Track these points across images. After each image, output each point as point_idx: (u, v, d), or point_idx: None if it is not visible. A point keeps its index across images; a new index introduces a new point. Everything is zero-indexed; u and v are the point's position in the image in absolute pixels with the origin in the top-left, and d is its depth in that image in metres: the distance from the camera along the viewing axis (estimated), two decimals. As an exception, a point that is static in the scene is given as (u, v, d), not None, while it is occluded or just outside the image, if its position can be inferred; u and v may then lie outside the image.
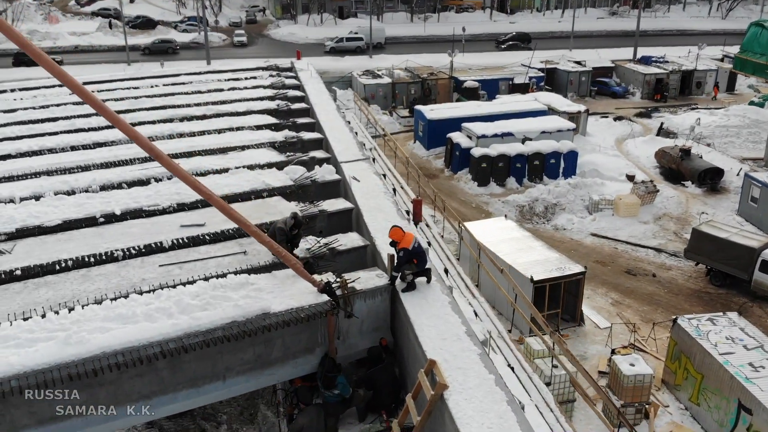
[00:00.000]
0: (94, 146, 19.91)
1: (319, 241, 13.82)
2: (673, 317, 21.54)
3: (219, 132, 21.31)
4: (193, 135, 21.04)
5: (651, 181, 35.91)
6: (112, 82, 28.88)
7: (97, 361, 9.77)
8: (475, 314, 14.62)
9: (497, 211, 35.31)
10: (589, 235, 32.76)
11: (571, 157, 38.62)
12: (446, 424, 9.40)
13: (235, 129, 21.52)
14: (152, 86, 27.96)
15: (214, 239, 14.05)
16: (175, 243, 13.82)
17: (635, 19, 66.04)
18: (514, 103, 45.18)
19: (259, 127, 21.77)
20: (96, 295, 11.73)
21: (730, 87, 57.94)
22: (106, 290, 11.93)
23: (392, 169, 25.30)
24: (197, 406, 11.60)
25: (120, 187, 16.79)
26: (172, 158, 18.53)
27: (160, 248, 13.64)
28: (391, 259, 12.15)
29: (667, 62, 58.32)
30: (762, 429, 17.47)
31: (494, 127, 39.96)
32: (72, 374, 9.58)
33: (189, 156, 18.95)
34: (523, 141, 39.22)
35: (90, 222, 14.83)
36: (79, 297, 11.66)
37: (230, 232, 14.18)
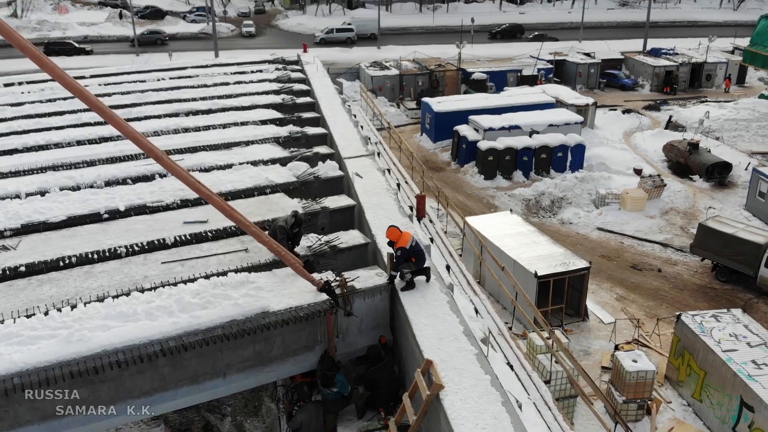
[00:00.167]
0: (100, 141, 20.01)
1: (320, 239, 13.86)
2: (677, 313, 21.54)
3: (224, 127, 21.37)
4: (198, 130, 21.11)
5: (658, 175, 35.76)
6: (119, 75, 28.95)
7: (98, 359, 9.90)
8: (475, 311, 14.65)
9: (503, 204, 35.29)
10: (595, 230, 32.69)
11: (579, 150, 38.49)
12: (441, 424, 9.47)
13: (240, 124, 21.57)
14: (159, 79, 28.00)
15: (217, 236, 14.12)
16: (178, 240, 13.91)
17: (646, 11, 65.48)
18: (522, 96, 44.99)
19: (263, 122, 21.81)
20: (98, 292, 11.84)
21: (741, 80, 57.41)
22: (109, 287, 12.04)
23: (397, 164, 25.26)
24: (198, 402, 11.74)
25: (125, 182, 16.89)
26: (177, 153, 18.90)
27: (162, 245, 13.73)
28: (391, 257, 12.21)
29: (676, 54, 57.81)
30: (764, 426, 17.48)
31: (501, 119, 39.85)
32: (73, 372, 9.73)
33: (194, 151, 19.04)
34: (531, 134, 39.14)
35: (94, 218, 14.94)
36: (82, 294, 11.79)
37: (232, 229, 14.23)
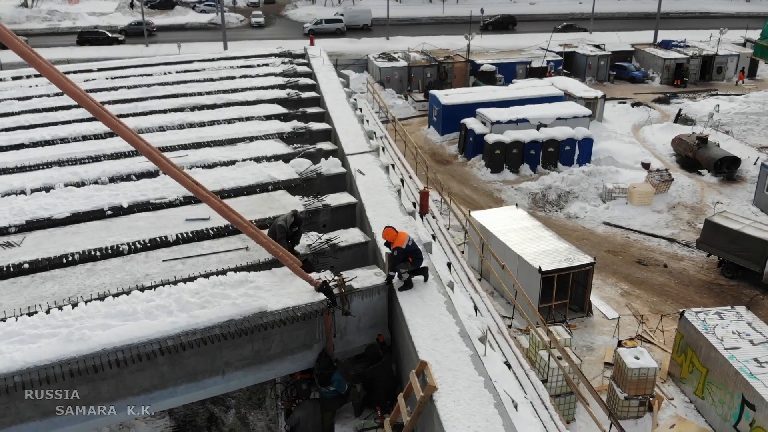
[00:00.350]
0: (106, 136, 20.10)
1: (320, 237, 13.95)
2: (681, 310, 21.53)
3: (229, 122, 21.46)
4: (203, 125, 21.21)
5: (666, 169, 35.56)
6: (127, 69, 29.11)
7: (97, 357, 10.05)
8: (475, 310, 14.71)
9: (510, 198, 35.25)
10: (602, 224, 32.61)
11: (586, 144, 38.32)
12: (434, 425, 9.56)
13: (245, 119, 21.64)
14: (165, 73, 28.12)
15: (218, 234, 14.23)
16: (180, 237, 14.03)
17: (657, 1, 64.84)
18: (530, 89, 44.80)
19: (268, 117, 21.87)
20: (100, 290, 12.00)
21: (752, 73, 56.76)
22: (111, 285, 12.20)
23: (402, 158, 25.32)
24: (197, 399, 11.89)
25: (129, 178, 17.01)
26: (182, 149, 19.04)
27: (164, 242, 13.86)
28: (389, 257, 12.28)
29: (687, 47, 57.23)
30: (765, 425, 17.48)
31: (509, 113, 39.70)
32: (73, 370, 9.89)
33: (198, 147, 19.13)
34: (538, 127, 39.01)
35: (98, 215, 15.08)
36: (84, 292, 11.94)
37: (233, 227, 14.24)
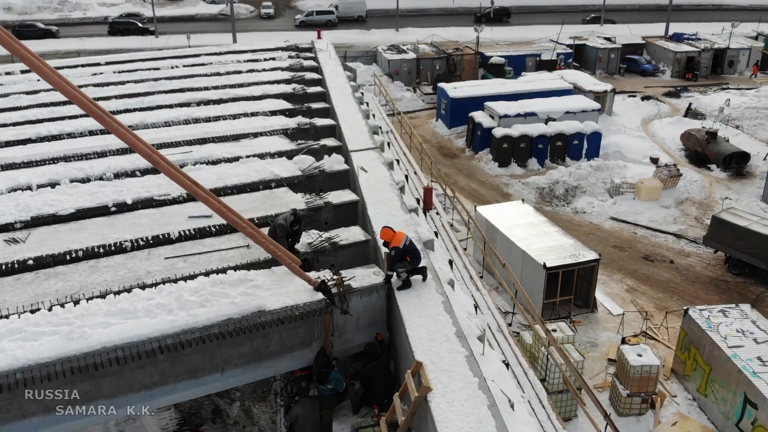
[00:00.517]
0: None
1: (321, 236, 14.03)
2: (685, 308, 21.52)
3: (234, 118, 21.49)
4: (209, 120, 21.27)
5: (674, 164, 35.38)
6: (134, 62, 29.24)
7: (97, 355, 10.21)
8: (475, 308, 14.77)
9: (517, 192, 35.21)
10: (609, 219, 32.55)
11: (595, 138, 38.19)
12: (428, 425, 9.66)
13: (250, 115, 21.67)
14: (173, 67, 28.22)
15: (220, 231, 14.31)
16: (182, 234, 14.14)
17: (670, -7, 64.34)
18: (539, 82, 44.62)
19: (273, 113, 21.89)
20: (102, 287, 12.15)
21: (763, 67, 56.27)
22: (113, 282, 12.35)
23: (407, 153, 25.33)
24: (197, 396, 12.04)
25: (133, 174, 17.12)
26: (186, 144, 19.15)
27: (167, 240, 13.98)
28: (387, 257, 12.36)
29: (699, 40, 56.75)
30: (767, 424, 17.50)
31: (517, 106, 39.61)
32: (74, 368, 10.07)
33: (202, 143, 19.20)
34: (547, 121, 38.90)
35: (102, 211, 15.20)
36: (87, 289, 12.10)
37: (236, 225, 14.46)
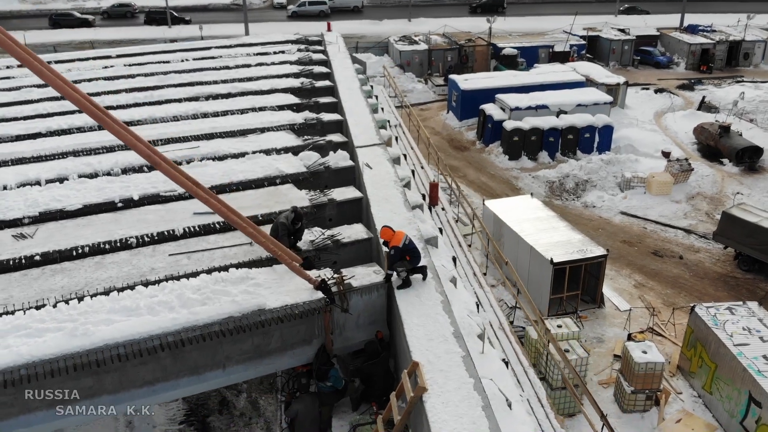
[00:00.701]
0: (121, 125, 20.44)
1: (324, 233, 14.14)
2: (692, 305, 21.48)
3: (242, 112, 21.58)
4: (217, 115, 21.36)
5: (686, 159, 35.13)
6: (145, 55, 29.39)
7: (100, 352, 10.42)
8: (477, 306, 14.84)
9: (527, 186, 35.14)
10: (619, 214, 32.44)
11: (606, 131, 37.99)
12: (423, 425, 9.79)
13: (258, 109, 21.75)
14: (183, 60, 28.33)
15: (224, 228, 14.40)
16: (187, 231, 14.29)
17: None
18: (551, 74, 44.34)
19: (281, 108, 21.95)
20: (107, 284, 12.34)
21: (777, 60, 55.74)
22: (117, 278, 12.54)
23: (415, 148, 25.35)
24: (199, 392, 12.24)
25: (141, 170, 17.24)
26: (194, 140, 19.28)
27: (171, 236, 14.13)
28: (387, 256, 12.45)
29: (714, 31, 56.04)
30: (771, 423, 17.52)
31: (528, 99, 39.42)
32: (77, 364, 10.28)
33: (210, 138, 19.28)
34: (558, 114, 38.73)
35: (109, 207, 15.37)
36: (91, 285, 12.29)
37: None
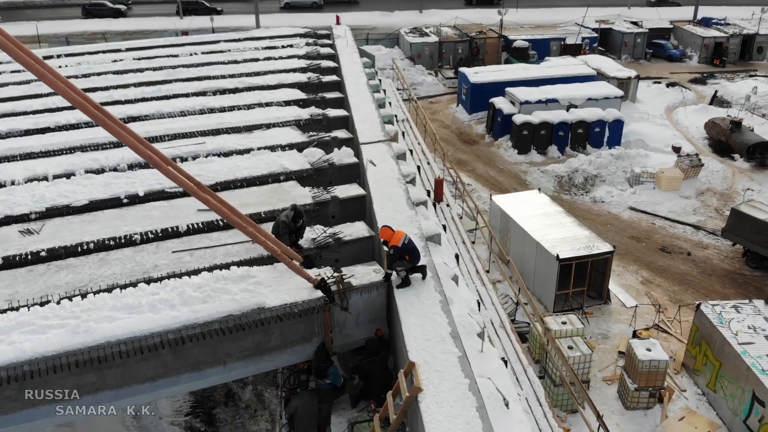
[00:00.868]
0: (128, 120, 20.42)
1: (325, 231, 14.23)
2: (698, 302, 21.45)
3: (248, 108, 21.62)
4: (223, 110, 21.44)
5: (696, 154, 34.91)
6: (154, 49, 29.56)
7: (101, 349, 10.61)
8: (478, 304, 14.91)
9: (535, 180, 35.08)
10: (627, 209, 32.34)
11: (617, 126, 37.83)
12: (418, 425, 9.90)
13: (264, 105, 21.80)
14: (192, 54, 28.46)
15: (227, 225, 14.40)
16: (190, 228, 14.42)
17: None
18: (562, 67, 44.14)
19: (287, 103, 22.00)
20: (110, 280, 12.51)
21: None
22: (121, 276, 12.70)
23: (421, 143, 25.35)
24: (200, 388, 12.42)
25: (147, 166, 17.21)
26: (200, 135, 19.41)
27: (175, 233, 14.27)
28: (386, 255, 12.54)
29: (728, 25, 55.44)
30: (774, 422, 17.52)
31: (538, 92, 39.28)
32: (79, 361, 10.47)
33: (216, 134, 19.37)
34: (568, 108, 38.58)
35: (115, 203, 15.53)
36: (95, 282, 12.47)
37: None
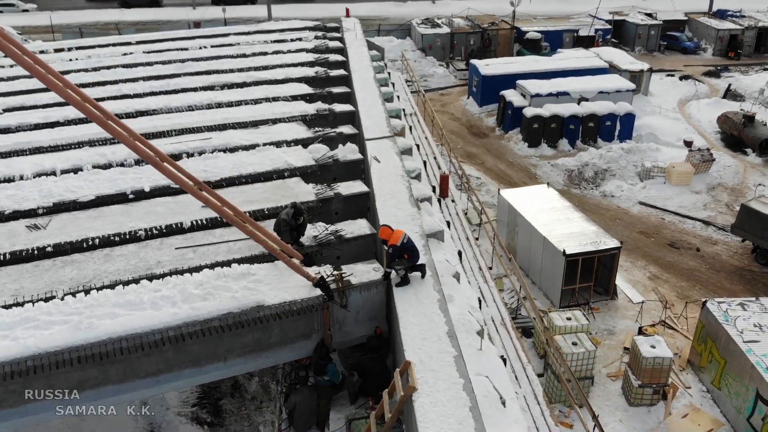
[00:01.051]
0: (136, 114, 20.70)
1: (327, 228, 14.34)
2: (704, 299, 21.39)
3: (255, 102, 21.70)
4: (231, 105, 21.53)
5: (708, 148, 34.63)
6: (164, 42, 29.70)
7: (103, 345, 10.81)
8: (479, 301, 14.98)
9: (545, 174, 34.97)
10: (637, 204, 32.18)
11: (628, 119, 37.58)
12: (412, 423, 10.03)
13: (271, 99, 21.84)
14: (201, 47, 28.56)
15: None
16: (194, 224, 14.58)
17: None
18: (574, 60, 43.86)
19: (294, 98, 22.03)
20: (114, 276, 12.70)
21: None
22: (124, 272, 12.89)
23: (429, 137, 25.35)
24: (200, 383, 12.62)
25: (153, 161, 17.60)
26: (207, 131, 19.54)
27: (179, 229, 14.44)
28: (386, 254, 12.63)
29: (743, 17, 54.71)
30: (778, 420, 17.50)
31: (549, 85, 39.09)
32: (81, 357, 10.70)
33: (222, 129, 19.45)
34: (579, 101, 38.36)
35: (121, 198, 15.70)
36: (99, 278, 12.66)
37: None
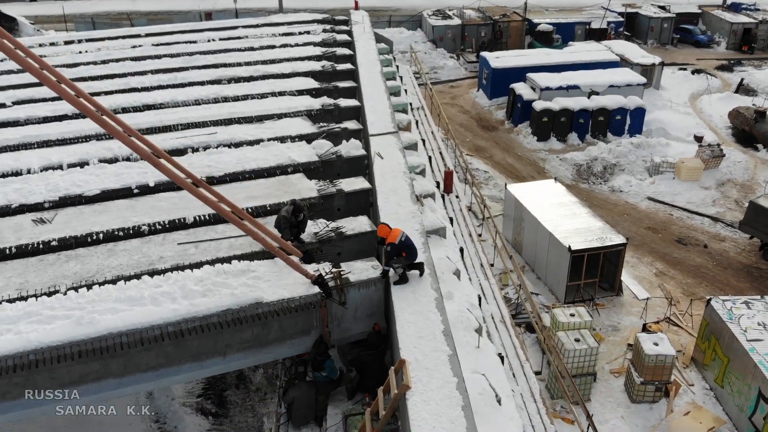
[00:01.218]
0: (144, 108, 20.85)
1: (328, 225, 14.45)
2: (708, 297, 21.36)
3: (261, 97, 21.77)
4: (237, 99, 21.61)
5: (718, 144, 34.41)
6: (173, 35, 29.83)
7: (104, 340, 11.02)
8: (479, 299, 15.06)
9: (553, 168, 34.93)
10: (646, 199, 32.11)
11: (638, 114, 37.43)
12: (405, 422, 10.17)
13: (277, 94, 21.92)
14: (209, 40, 28.68)
15: (233, 217, 14.87)
16: (197, 219, 14.71)
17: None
18: (585, 53, 43.67)
19: (300, 92, 22.09)
20: (117, 271, 12.87)
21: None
22: (127, 266, 13.06)
23: (435, 132, 25.36)
24: (200, 377, 12.80)
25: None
26: (212, 125, 19.67)
27: (182, 225, 14.58)
28: (384, 252, 12.74)
29: (758, 10, 54.09)
30: (779, 420, 17.50)
31: (560, 78, 38.96)
32: (82, 351, 10.91)
33: (227, 124, 19.56)
34: (590, 95, 38.21)
35: (126, 193, 15.85)
36: (102, 273, 12.83)
37: (248, 211, 14.93)
